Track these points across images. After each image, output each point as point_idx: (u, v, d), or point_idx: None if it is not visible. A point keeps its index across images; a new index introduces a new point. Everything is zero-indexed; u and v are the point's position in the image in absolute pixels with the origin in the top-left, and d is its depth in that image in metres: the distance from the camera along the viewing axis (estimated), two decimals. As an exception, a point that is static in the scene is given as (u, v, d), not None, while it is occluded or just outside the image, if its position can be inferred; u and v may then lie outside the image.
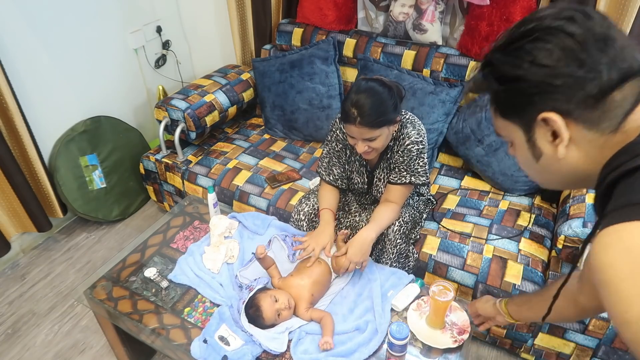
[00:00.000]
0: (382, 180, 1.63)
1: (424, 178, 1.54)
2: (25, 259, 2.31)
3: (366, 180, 1.68)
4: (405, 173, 1.52)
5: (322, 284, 1.44)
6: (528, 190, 1.94)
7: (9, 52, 1.97)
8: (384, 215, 1.52)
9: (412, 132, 1.48)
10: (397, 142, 1.51)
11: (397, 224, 1.58)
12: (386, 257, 1.58)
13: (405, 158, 1.50)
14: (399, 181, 1.53)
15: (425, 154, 1.53)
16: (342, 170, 1.65)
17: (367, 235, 1.44)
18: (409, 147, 1.49)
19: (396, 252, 1.58)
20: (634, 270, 0.48)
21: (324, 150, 1.67)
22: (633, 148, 0.56)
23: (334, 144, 1.62)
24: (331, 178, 1.65)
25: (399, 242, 1.58)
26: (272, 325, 1.34)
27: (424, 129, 1.52)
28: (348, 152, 1.64)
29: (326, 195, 1.65)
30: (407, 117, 1.52)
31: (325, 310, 1.39)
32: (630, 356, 1.49)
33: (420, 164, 1.52)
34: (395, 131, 1.49)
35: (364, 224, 1.67)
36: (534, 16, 0.60)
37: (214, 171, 2.16)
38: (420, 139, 1.49)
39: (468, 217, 1.83)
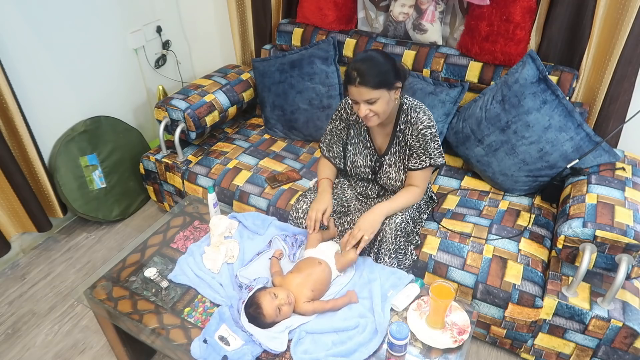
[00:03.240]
0: (393, 166, 1.65)
1: (440, 159, 1.62)
2: (25, 259, 2.31)
3: (370, 164, 1.70)
4: (424, 157, 1.59)
5: (322, 281, 1.44)
6: (528, 190, 1.94)
7: (9, 52, 1.97)
8: (401, 196, 1.61)
9: (424, 117, 1.56)
10: (410, 127, 1.57)
11: (399, 216, 1.59)
12: (385, 248, 1.58)
13: (421, 142, 1.57)
14: (419, 166, 1.60)
15: (437, 137, 1.60)
16: (340, 150, 1.74)
17: (380, 209, 1.54)
18: (422, 131, 1.56)
19: (395, 246, 1.58)
20: None
21: (327, 127, 1.76)
22: None
23: (337, 122, 1.71)
24: (330, 154, 1.77)
25: (398, 235, 1.58)
26: (274, 323, 1.33)
27: (432, 113, 1.60)
28: (352, 132, 1.70)
29: (324, 167, 1.77)
30: (416, 102, 1.60)
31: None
32: (630, 356, 1.49)
33: (435, 146, 1.59)
34: (405, 115, 1.58)
35: None
36: None
37: (214, 171, 2.16)
38: (432, 123, 1.58)
39: (468, 217, 1.84)
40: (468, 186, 2.03)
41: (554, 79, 1.88)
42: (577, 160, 1.78)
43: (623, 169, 1.73)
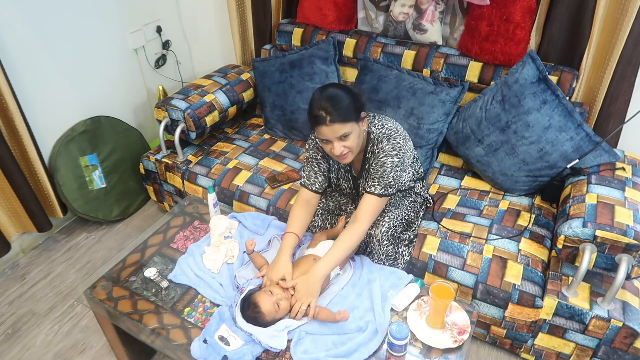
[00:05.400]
0: None
1: (392, 191, 1.52)
2: (25, 259, 2.31)
3: (352, 185, 1.70)
4: (376, 183, 1.50)
5: None
6: (528, 190, 1.94)
7: (9, 52, 1.97)
8: (341, 244, 1.45)
9: (387, 147, 1.49)
10: (373, 156, 1.53)
11: (385, 224, 1.58)
12: (377, 258, 1.59)
13: (378, 169, 1.51)
14: (368, 189, 1.52)
15: (401, 168, 1.52)
16: (323, 178, 1.65)
17: (316, 271, 1.40)
18: (382, 159, 1.50)
19: (383, 254, 1.59)
20: None
21: (305, 159, 1.66)
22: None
23: (312, 151, 1.63)
24: (317, 187, 1.63)
25: (386, 244, 1.58)
26: (274, 321, 1.33)
27: (401, 142, 1.51)
28: (331, 161, 1.65)
29: (296, 213, 1.59)
30: (384, 131, 1.52)
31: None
32: (630, 356, 1.49)
33: (394, 176, 1.50)
34: (372, 145, 1.52)
35: None
36: None
37: (214, 171, 2.16)
38: (394, 152, 1.49)
39: (468, 217, 1.84)
40: (468, 186, 2.03)
41: (554, 79, 1.88)
42: (577, 160, 1.78)
43: (623, 169, 1.73)
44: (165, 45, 2.74)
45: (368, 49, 2.22)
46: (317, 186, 1.64)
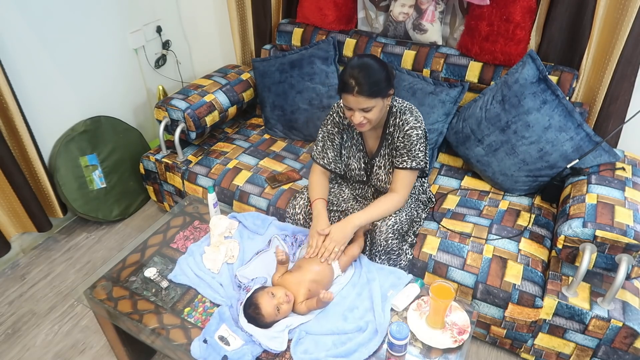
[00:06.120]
0: (383, 168, 1.65)
1: (423, 164, 1.59)
2: (25, 259, 2.31)
3: (363, 166, 1.70)
4: (406, 158, 1.57)
5: (321, 281, 1.44)
6: (528, 190, 1.94)
7: (9, 52, 1.97)
8: (379, 204, 1.57)
9: (411, 119, 1.55)
10: (397, 129, 1.57)
11: (392, 218, 1.59)
12: (376, 249, 1.59)
13: (406, 143, 1.56)
14: (400, 165, 1.58)
15: (424, 140, 1.59)
16: (336, 154, 1.69)
17: (352, 219, 1.52)
18: (408, 132, 1.55)
19: (386, 247, 1.59)
20: None
21: (319, 135, 1.71)
22: None
23: (329, 126, 1.68)
24: (325, 162, 1.69)
25: (390, 237, 1.58)
26: (273, 323, 1.34)
27: (421, 115, 1.59)
28: (345, 136, 1.68)
29: (317, 183, 1.68)
30: (405, 105, 1.59)
31: (323, 310, 1.39)
32: (630, 356, 1.49)
33: (420, 148, 1.57)
34: (394, 118, 1.57)
35: None
36: None
37: (214, 171, 2.16)
38: (418, 124, 1.56)
39: (468, 217, 1.84)
40: (468, 186, 2.03)
41: (554, 79, 1.88)
42: (577, 160, 1.78)
43: (623, 169, 1.73)
44: (165, 45, 2.74)
45: (368, 49, 2.22)
46: (325, 161, 1.69)
